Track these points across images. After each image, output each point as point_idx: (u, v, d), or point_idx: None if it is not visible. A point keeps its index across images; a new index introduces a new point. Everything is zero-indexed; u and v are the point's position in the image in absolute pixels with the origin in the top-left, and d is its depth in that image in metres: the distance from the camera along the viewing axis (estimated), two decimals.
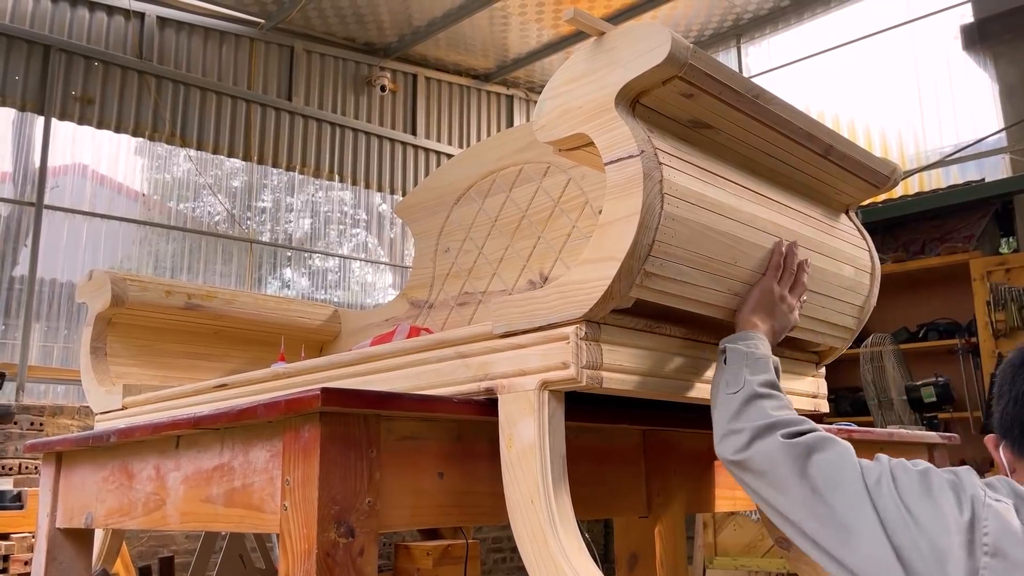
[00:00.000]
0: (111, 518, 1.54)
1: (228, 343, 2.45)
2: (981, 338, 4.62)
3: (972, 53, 5.75)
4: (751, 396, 1.16)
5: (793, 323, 1.33)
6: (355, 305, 6.72)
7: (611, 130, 1.14)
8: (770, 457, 1.08)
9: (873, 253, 1.62)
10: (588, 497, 1.41)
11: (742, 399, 1.17)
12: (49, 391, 5.19)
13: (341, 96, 6.79)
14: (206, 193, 6.13)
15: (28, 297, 5.09)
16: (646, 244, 1.12)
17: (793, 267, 1.33)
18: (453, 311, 2.26)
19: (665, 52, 1.10)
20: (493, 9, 6.27)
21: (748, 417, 1.15)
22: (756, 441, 1.11)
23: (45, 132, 5.33)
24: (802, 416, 1.15)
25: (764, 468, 1.09)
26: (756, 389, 1.17)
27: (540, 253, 2.05)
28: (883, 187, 1.58)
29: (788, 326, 1.33)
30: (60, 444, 1.71)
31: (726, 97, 1.22)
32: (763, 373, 1.20)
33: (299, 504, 1.06)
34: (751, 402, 1.16)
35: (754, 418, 1.14)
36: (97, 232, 5.54)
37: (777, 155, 1.39)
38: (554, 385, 1.16)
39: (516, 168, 2.14)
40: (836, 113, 6.43)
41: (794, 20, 6.79)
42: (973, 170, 5.66)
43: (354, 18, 6.43)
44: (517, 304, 1.22)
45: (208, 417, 1.21)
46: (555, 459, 1.15)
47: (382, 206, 7.05)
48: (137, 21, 5.81)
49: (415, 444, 1.18)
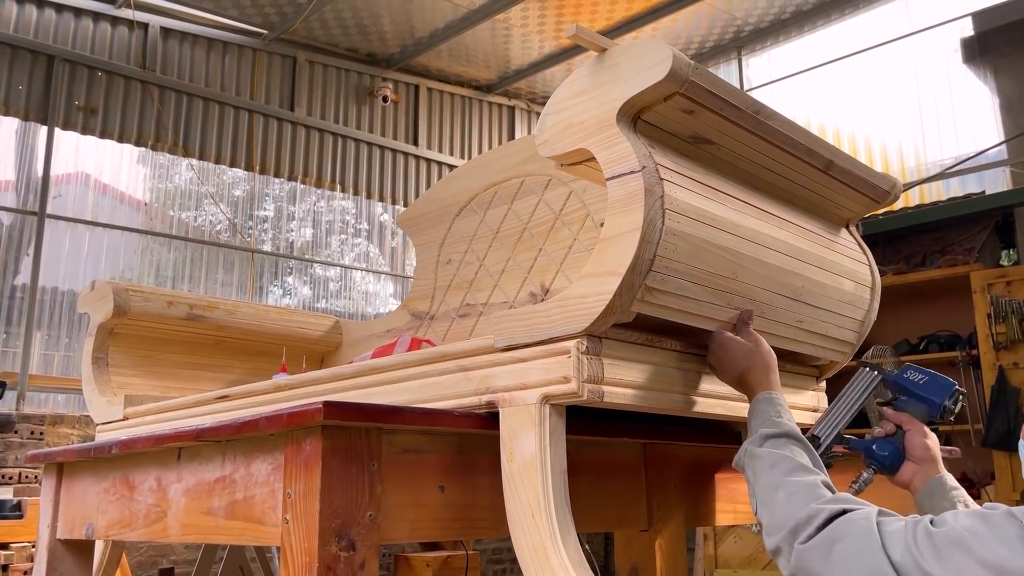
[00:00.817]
0: (112, 529, 1.54)
1: (229, 353, 2.46)
2: (982, 350, 4.62)
3: (972, 66, 5.77)
4: (768, 488, 1.13)
5: (766, 349, 1.31)
6: (356, 314, 6.72)
7: (613, 146, 1.15)
8: (804, 569, 1.03)
9: (873, 267, 1.63)
10: (589, 510, 1.41)
11: (762, 491, 1.14)
12: (49, 400, 5.19)
13: (343, 106, 6.81)
14: (208, 203, 6.14)
15: (29, 306, 5.09)
16: (647, 259, 1.12)
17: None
18: (454, 323, 2.26)
19: (666, 69, 1.11)
20: (495, 21, 6.30)
21: (776, 518, 1.09)
22: (789, 552, 1.05)
23: (48, 141, 5.34)
24: (813, 480, 1.10)
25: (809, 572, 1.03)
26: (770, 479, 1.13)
27: (541, 265, 2.06)
28: (883, 202, 1.59)
29: (770, 355, 1.31)
30: (61, 455, 1.72)
31: (727, 113, 1.23)
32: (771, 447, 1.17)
33: (300, 517, 1.06)
34: (773, 493, 1.11)
35: (779, 521, 1.08)
36: (99, 241, 5.56)
37: (777, 170, 1.40)
38: (555, 399, 1.16)
39: (518, 180, 2.15)
40: (837, 125, 6.45)
41: (795, 33, 6.82)
42: (974, 183, 5.67)
43: (356, 29, 6.46)
44: (519, 318, 1.22)
45: (210, 429, 1.22)
46: (556, 473, 1.15)
47: (383, 216, 7.06)
48: (141, 31, 5.84)
49: (416, 457, 1.18)
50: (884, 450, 1.37)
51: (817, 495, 1.06)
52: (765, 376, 1.27)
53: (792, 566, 1.03)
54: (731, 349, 1.30)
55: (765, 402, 1.24)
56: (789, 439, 1.18)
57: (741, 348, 1.29)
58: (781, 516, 1.07)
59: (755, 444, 1.19)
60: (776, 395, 1.26)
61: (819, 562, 0.99)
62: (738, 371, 1.29)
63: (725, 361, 1.30)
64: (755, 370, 1.28)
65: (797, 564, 1.02)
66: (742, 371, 1.28)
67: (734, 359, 1.29)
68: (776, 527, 1.07)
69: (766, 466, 1.15)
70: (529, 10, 6.20)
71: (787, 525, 1.05)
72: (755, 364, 1.28)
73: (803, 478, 1.10)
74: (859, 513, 1.01)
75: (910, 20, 6.22)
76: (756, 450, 1.18)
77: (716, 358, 1.32)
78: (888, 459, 1.37)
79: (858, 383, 1.44)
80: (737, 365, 1.29)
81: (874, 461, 1.37)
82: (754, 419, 1.24)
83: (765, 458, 1.16)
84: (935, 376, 1.41)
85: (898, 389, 1.43)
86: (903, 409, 1.40)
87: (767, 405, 1.24)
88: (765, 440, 1.19)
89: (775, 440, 1.18)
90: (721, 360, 1.31)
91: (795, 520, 1.04)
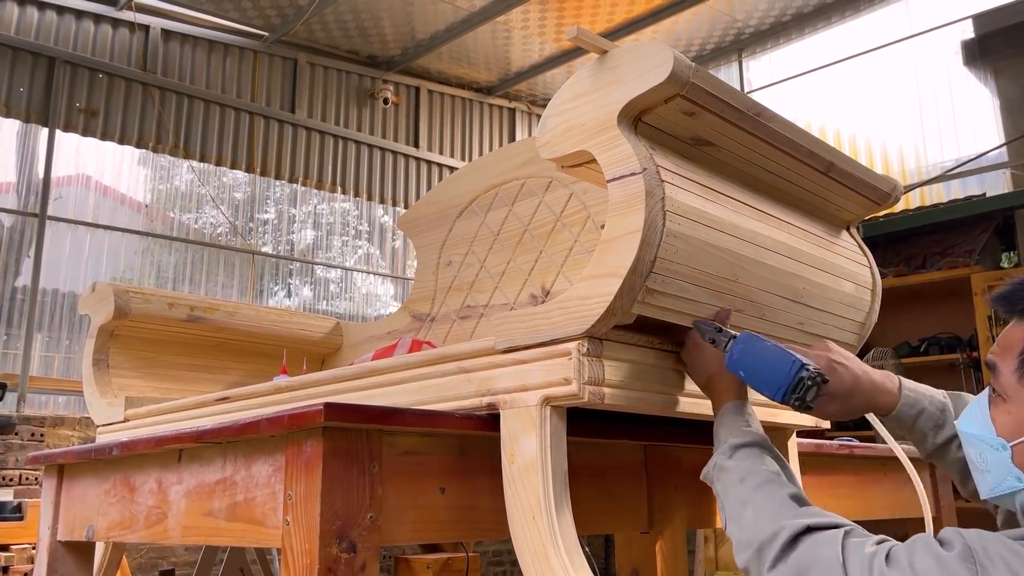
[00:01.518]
0: (113, 531, 1.54)
1: (230, 355, 2.46)
2: (983, 353, 4.61)
3: (973, 68, 5.77)
4: (737, 503, 1.10)
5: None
6: (357, 315, 6.72)
7: (614, 148, 1.15)
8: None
9: (874, 269, 1.63)
10: (589, 512, 1.41)
11: (731, 506, 1.11)
12: (50, 402, 5.19)
13: (344, 108, 6.82)
14: (209, 205, 6.15)
15: (30, 308, 5.10)
16: (648, 261, 1.12)
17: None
18: (455, 324, 2.26)
19: (667, 71, 1.11)
20: (496, 23, 6.31)
21: (745, 535, 1.06)
22: (756, 574, 1.02)
23: (49, 143, 5.35)
24: (782, 495, 1.06)
25: None
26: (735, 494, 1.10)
27: (542, 267, 2.06)
28: (884, 204, 1.59)
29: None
30: (62, 456, 1.72)
31: (727, 115, 1.23)
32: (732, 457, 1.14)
33: (301, 519, 1.06)
34: (743, 509, 1.09)
35: (748, 537, 1.05)
36: (100, 243, 5.56)
37: (778, 172, 1.40)
38: (556, 401, 1.16)
39: (518, 182, 2.15)
40: (837, 127, 6.45)
41: (795, 35, 6.82)
42: (974, 185, 5.67)
43: (357, 31, 6.47)
44: (519, 319, 1.22)
45: (211, 431, 1.22)
46: (557, 475, 1.15)
47: (384, 217, 7.07)
48: (142, 34, 5.85)
49: (417, 459, 1.18)
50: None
51: (785, 511, 1.04)
52: (733, 383, 1.23)
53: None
54: (703, 351, 1.25)
55: (732, 411, 1.21)
56: (760, 448, 1.15)
57: (712, 352, 1.24)
58: (749, 533, 1.04)
59: (724, 456, 1.16)
60: (744, 404, 1.22)
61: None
62: (708, 375, 1.25)
63: (697, 363, 1.26)
64: (724, 376, 1.23)
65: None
66: (711, 376, 1.24)
67: (705, 361, 1.25)
68: (745, 544, 1.04)
69: (735, 480, 1.12)
70: (530, 12, 6.20)
71: (754, 543, 1.02)
72: (724, 368, 1.22)
73: (772, 491, 1.08)
74: (825, 537, 0.97)
75: (911, 22, 6.22)
76: (726, 463, 1.15)
77: (688, 356, 1.28)
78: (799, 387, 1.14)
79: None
80: (707, 369, 1.24)
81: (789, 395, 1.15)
82: (722, 428, 1.21)
83: (734, 471, 1.13)
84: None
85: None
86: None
87: (735, 415, 1.20)
88: (735, 451, 1.15)
89: (745, 450, 1.15)
90: (693, 361, 1.27)
91: (760, 538, 1.02)
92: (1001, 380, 1.04)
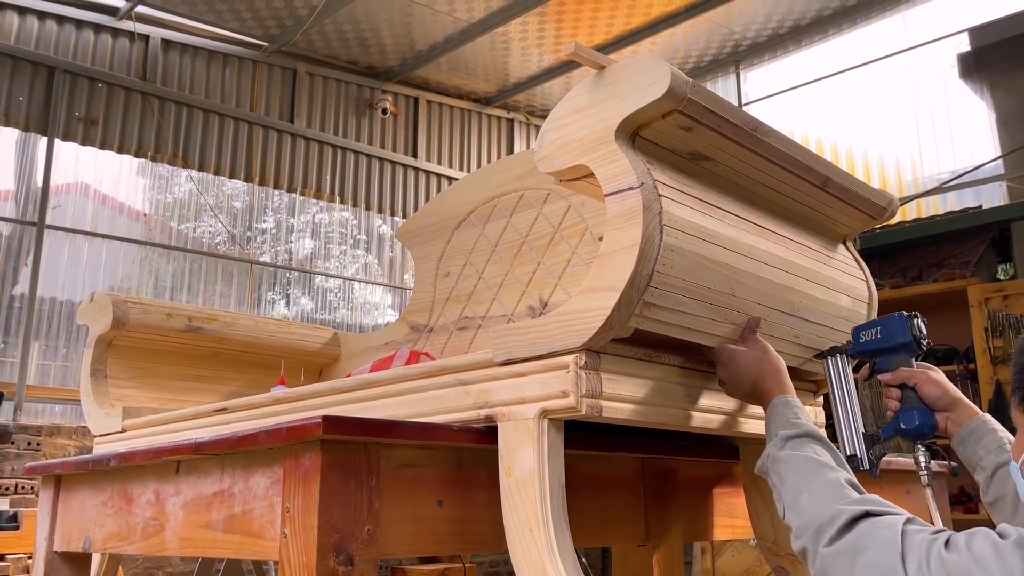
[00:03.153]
0: (110, 542, 1.54)
1: (228, 366, 2.46)
2: (979, 364, 4.62)
3: (969, 81, 5.80)
4: (793, 492, 1.12)
5: (774, 354, 1.32)
6: (355, 325, 6.72)
7: (611, 162, 1.16)
8: (828, 574, 1.02)
9: (870, 283, 1.64)
10: (587, 525, 1.41)
11: (788, 495, 1.14)
12: (47, 410, 5.17)
13: (343, 118, 6.83)
14: (208, 214, 6.15)
15: (28, 316, 5.09)
16: (645, 275, 1.13)
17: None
18: (453, 335, 2.26)
19: (665, 86, 1.12)
20: (494, 34, 6.33)
21: (803, 520, 1.08)
22: (815, 555, 1.04)
23: (48, 152, 5.35)
24: (836, 479, 1.09)
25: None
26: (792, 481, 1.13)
27: (540, 279, 2.06)
28: (880, 218, 1.60)
29: (779, 359, 1.32)
30: (59, 467, 1.72)
31: (725, 130, 1.24)
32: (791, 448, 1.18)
33: (299, 532, 1.06)
34: (798, 496, 1.11)
35: (806, 523, 1.07)
36: (98, 252, 5.56)
37: (775, 187, 1.40)
38: (554, 414, 1.17)
39: (517, 194, 2.16)
40: (834, 139, 6.47)
41: (792, 47, 6.85)
42: (970, 197, 5.69)
43: (356, 42, 6.49)
44: (517, 332, 1.23)
45: (209, 443, 1.22)
46: (554, 487, 1.16)
47: (382, 227, 7.07)
48: (141, 43, 5.86)
49: (415, 472, 1.19)
50: (911, 421, 1.31)
51: (841, 495, 1.06)
52: (778, 381, 1.28)
53: (817, 569, 1.03)
54: (740, 360, 1.30)
55: (781, 405, 1.25)
56: (810, 438, 1.18)
57: (750, 357, 1.30)
58: (807, 518, 1.07)
59: (776, 448, 1.19)
60: (791, 398, 1.26)
61: (843, 570, 0.99)
62: (750, 380, 1.29)
63: (736, 373, 1.30)
64: (767, 376, 1.28)
65: (821, 568, 1.02)
66: (754, 380, 1.29)
67: (745, 370, 1.29)
68: (803, 529, 1.07)
69: (790, 469, 1.15)
70: (528, 24, 6.23)
71: (812, 526, 1.05)
72: (766, 370, 1.28)
73: (827, 477, 1.10)
74: (885, 521, 1.00)
75: (907, 35, 6.25)
76: (778, 454, 1.18)
77: (727, 371, 1.32)
78: (921, 424, 1.30)
79: (833, 378, 1.40)
80: (749, 375, 1.29)
81: (912, 435, 1.30)
82: (772, 423, 1.24)
83: (788, 461, 1.16)
84: (884, 320, 1.34)
85: (866, 354, 1.37)
86: (889, 368, 1.35)
87: (783, 408, 1.24)
88: (786, 442, 1.19)
89: (795, 441, 1.18)
90: (732, 373, 1.31)
91: (819, 521, 1.04)
92: (1013, 417, 1.08)
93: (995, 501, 1.29)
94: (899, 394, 1.33)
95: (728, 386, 1.34)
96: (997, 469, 1.28)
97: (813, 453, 1.16)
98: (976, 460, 1.32)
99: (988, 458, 1.30)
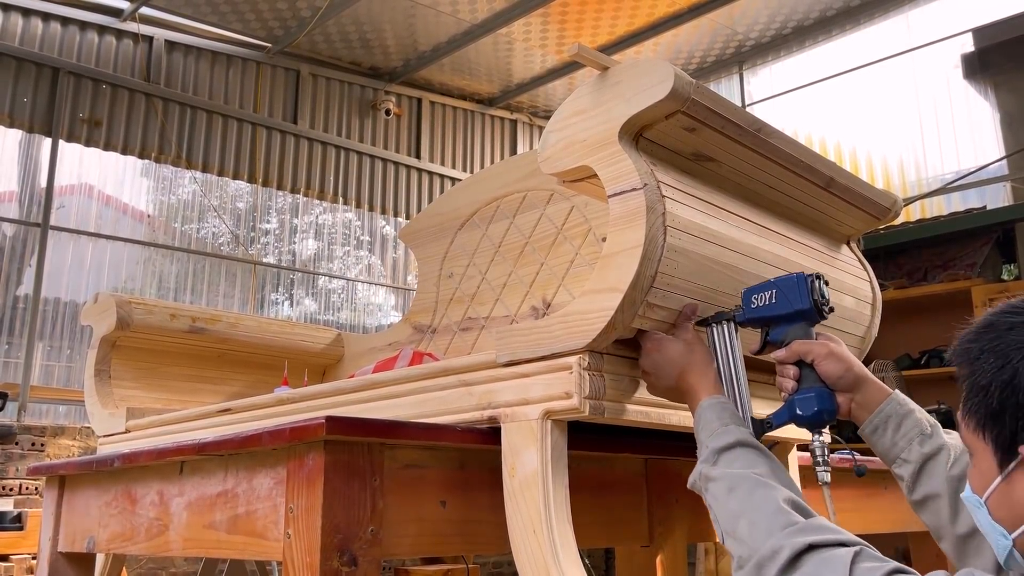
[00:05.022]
0: (113, 543, 1.54)
1: (231, 366, 2.46)
2: None
3: (973, 82, 5.79)
4: (730, 517, 1.02)
5: (704, 347, 1.19)
6: (359, 326, 6.72)
7: (615, 163, 1.16)
8: None
9: (874, 284, 1.64)
10: (590, 526, 1.41)
11: (725, 521, 1.03)
12: (51, 411, 5.18)
13: (346, 119, 6.84)
14: (211, 215, 6.16)
15: (32, 317, 5.10)
16: (649, 276, 1.13)
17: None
18: (456, 336, 2.27)
19: (668, 87, 1.12)
20: (497, 35, 6.33)
21: (743, 550, 0.98)
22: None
23: (52, 153, 5.37)
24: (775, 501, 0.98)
25: None
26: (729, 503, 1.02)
27: (543, 279, 2.06)
28: (884, 219, 1.60)
29: (708, 353, 1.18)
30: (63, 468, 1.72)
31: (728, 131, 1.24)
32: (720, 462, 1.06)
33: (303, 532, 1.06)
34: (736, 522, 1.00)
35: (746, 553, 0.97)
36: (102, 253, 5.57)
37: (778, 187, 1.40)
38: (557, 415, 1.17)
39: (520, 195, 2.16)
40: (838, 140, 6.46)
41: (796, 48, 6.84)
42: (974, 198, 5.68)
43: (360, 43, 6.50)
44: (521, 333, 1.23)
45: (213, 443, 1.22)
46: (557, 488, 1.16)
47: (385, 228, 7.08)
48: (145, 45, 5.87)
49: (418, 472, 1.19)
50: (808, 406, 1.12)
51: (783, 522, 0.95)
52: (704, 376, 1.15)
53: None
54: (666, 350, 1.17)
55: (708, 408, 1.12)
56: (743, 447, 1.07)
57: (678, 347, 1.17)
58: (746, 549, 0.97)
59: (708, 464, 1.08)
60: (720, 399, 1.13)
61: None
62: (675, 372, 1.16)
63: (660, 364, 1.17)
64: (693, 370, 1.15)
65: None
66: (679, 373, 1.16)
67: (670, 360, 1.16)
68: (744, 560, 0.96)
69: (724, 490, 1.04)
70: (531, 25, 6.23)
71: (752, 559, 0.95)
72: (694, 362, 1.15)
73: (765, 498, 0.99)
74: (832, 556, 0.88)
75: (910, 36, 6.24)
76: (711, 471, 1.07)
77: (650, 360, 1.19)
78: (820, 410, 1.11)
79: (719, 350, 1.19)
80: (674, 366, 1.16)
81: (810, 423, 1.12)
82: (701, 430, 1.12)
83: (722, 480, 1.05)
84: (779, 282, 1.15)
85: (759, 322, 1.18)
86: (784, 340, 1.16)
87: (710, 412, 1.11)
88: (719, 456, 1.07)
89: (728, 454, 1.06)
90: (656, 363, 1.18)
91: (759, 556, 0.94)
92: (963, 437, 0.95)
93: (925, 500, 1.13)
94: (796, 372, 1.14)
95: (651, 378, 1.20)
96: (925, 462, 1.13)
97: (748, 467, 1.04)
98: (896, 452, 1.16)
99: (911, 449, 1.14)
